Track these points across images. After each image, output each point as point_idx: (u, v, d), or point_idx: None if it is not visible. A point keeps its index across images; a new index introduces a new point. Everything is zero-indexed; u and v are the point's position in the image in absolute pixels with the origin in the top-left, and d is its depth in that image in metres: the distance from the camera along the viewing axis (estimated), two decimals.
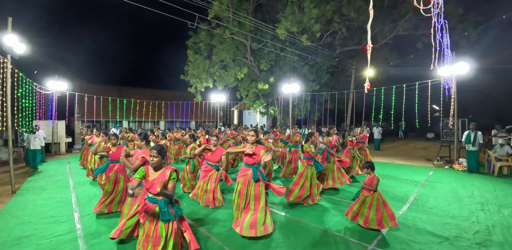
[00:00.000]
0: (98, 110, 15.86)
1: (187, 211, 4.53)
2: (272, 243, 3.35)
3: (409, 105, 10.19)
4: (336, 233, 3.66)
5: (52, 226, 3.90)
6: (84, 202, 5.00)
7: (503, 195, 5.47)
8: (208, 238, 3.52)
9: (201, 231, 3.72)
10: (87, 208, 4.65)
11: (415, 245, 3.32)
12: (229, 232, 3.67)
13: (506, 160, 7.42)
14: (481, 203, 4.95)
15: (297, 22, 12.93)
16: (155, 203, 2.57)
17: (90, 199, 5.17)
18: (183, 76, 16.91)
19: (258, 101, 16.52)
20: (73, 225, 3.93)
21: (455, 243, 3.36)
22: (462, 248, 3.24)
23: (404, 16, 13.18)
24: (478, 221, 4.08)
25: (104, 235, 3.54)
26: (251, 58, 16.14)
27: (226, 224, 3.97)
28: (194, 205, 4.86)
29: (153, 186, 2.54)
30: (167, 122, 21.97)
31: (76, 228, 3.80)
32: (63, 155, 11.96)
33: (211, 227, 3.86)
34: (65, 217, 4.23)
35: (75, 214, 4.37)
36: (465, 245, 3.31)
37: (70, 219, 4.17)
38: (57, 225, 3.92)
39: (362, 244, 3.35)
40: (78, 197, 5.35)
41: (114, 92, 20.71)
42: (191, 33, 16.75)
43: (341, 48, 15.79)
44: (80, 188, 6.05)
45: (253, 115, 22.34)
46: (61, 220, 4.11)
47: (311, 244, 3.31)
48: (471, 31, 12.84)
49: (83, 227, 3.83)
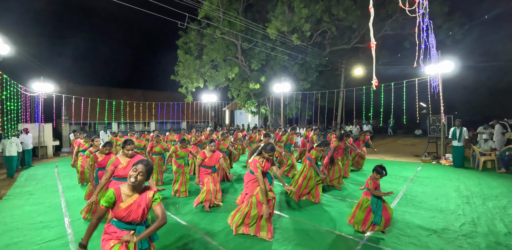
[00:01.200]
0: (86, 112, 15.55)
1: (186, 215, 4.51)
2: (265, 242, 3.38)
3: (397, 103, 10.42)
4: (328, 229, 3.73)
5: (42, 231, 3.81)
6: (74, 206, 4.91)
7: (487, 188, 5.68)
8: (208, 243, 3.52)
9: (200, 235, 3.72)
10: (78, 212, 4.57)
11: (405, 238, 3.42)
12: (228, 234, 3.69)
13: (489, 154, 7.69)
14: (466, 196, 5.13)
15: (287, 21, 13.02)
16: (130, 229, 2.05)
17: (81, 203, 5.07)
18: (173, 77, 16.76)
19: (250, 101, 16.54)
20: (63, 230, 3.84)
21: (442, 236, 3.48)
22: (449, 240, 3.36)
23: (391, 16, 13.47)
24: (464, 214, 4.23)
25: (96, 240, 3.46)
26: (242, 58, 16.14)
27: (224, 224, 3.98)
28: (190, 208, 4.84)
29: (130, 213, 1.99)
30: (158, 123, 21.73)
31: (67, 233, 3.72)
32: (51, 158, 11.67)
33: (211, 231, 3.86)
34: (55, 222, 4.14)
35: (65, 218, 4.28)
36: (452, 237, 3.44)
37: (60, 224, 4.07)
38: (46, 231, 3.83)
39: (355, 239, 3.43)
40: (68, 201, 5.24)
41: (103, 94, 20.33)
42: (181, 33, 16.62)
43: (331, 48, 15.99)
44: (69, 192, 5.93)
45: (245, 115, 22.36)
46: (51, 225, 4.02)
47: (304, 240, 3.36)
48: (456, 30, 13.23)
49: (74, 232, 3.76)
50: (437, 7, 12.42)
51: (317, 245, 3.28)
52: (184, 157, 5.60)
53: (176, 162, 5.52)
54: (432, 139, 10.03)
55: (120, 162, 3.29)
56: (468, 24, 13.24)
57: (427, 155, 9.48)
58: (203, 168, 4.64)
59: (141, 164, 2.06)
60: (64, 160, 10.75)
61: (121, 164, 3.27)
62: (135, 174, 2.01)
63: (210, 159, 4.61)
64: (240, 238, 3.48)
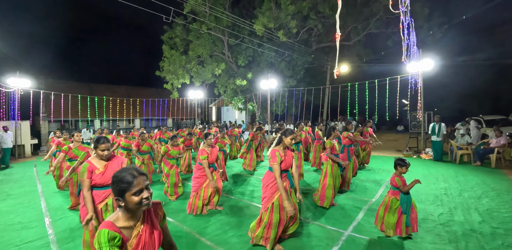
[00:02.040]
0: (67, 109, 14.94)
1: (187, 220, 4.46)
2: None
3: (381, 100, 10.73)
4: (314, 222, 3.82)
5: (21, 232, 3.67)
6: (55, 206, 4.74)
7: (463, 180, 5.99)
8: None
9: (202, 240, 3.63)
10: (59, 212, 4.42)
11: None
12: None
13: (466, 148, 8.10)
14: (444, 188, 5.40)
15: (274, 18, 13.01)
16: None
17: (62, 203, 4.91)
18: (158, 73, 16.40)
19: (237, 97, 16.48)
20: (44, 230, 3.72)
21: (422, 225, 3.65)
22: (428, 229, 3.53)
23: (375, 14, 13.74)
24: (442, 204, 4.45)
25: (78, 239, 3.39)
26: (229, 54, 16.02)
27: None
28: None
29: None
30: (143, 120, 21.25)
31: (48, 233, 3.60)
32: (29, 158, 11.17)
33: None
34: (35, 223, 3.99)
35: (45, 219, 4.14)
36: (431, 226, 3.62)
37: (41, 224, 3.93)
38: (26, 232, 3.69)
39: (339, 230, 3.53)
40: (48, 201, 5.05)
41: (84, 90, 19.60)
42: (166, 27, 16.24)
43: (317, 45, 16.15)
44: (50, 192, 5.71)
45: (232, 111, 22.25)
46: (30, 226, 3.87)
47: (292, 235, 3.43)
48: (436, 30, 13.71)
49: (55, 232, 3.64)
50: (418, 8, 12.81)
51: (300, 238, 3.35)
52: (177, 157, 5.23)
53: (168, 162, 5.09)
54: (413, 134, 10.42)
55: (96, 166, 2.64)
56: (447, 25, 13.77)
57: (408, 150, 9.86)
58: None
59: (142, 176, 1.35)
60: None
61: (98, 169, 2.63)
62: (148, 195, 1.32)
63: (211, 156, 4.11)
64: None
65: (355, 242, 3.22)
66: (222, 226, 3.77)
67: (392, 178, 3.27)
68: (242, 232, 3.52)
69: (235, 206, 4.56)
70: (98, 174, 2.60)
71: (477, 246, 3.08)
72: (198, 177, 4.12)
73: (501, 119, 11.00)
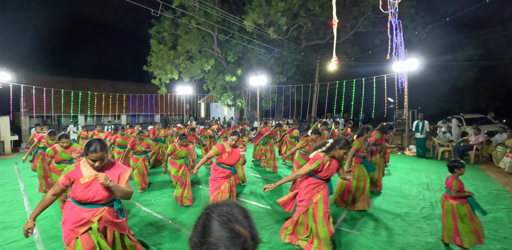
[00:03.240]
0: (49, 104, 14.38)
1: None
2: None
3: (368, 98, 11.00)
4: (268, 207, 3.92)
5: (3, 232, 3.55)
6: None
7: (444, 175, 6.19)
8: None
9: None
10: (43, 211, 4.29)
11: (372, 222, 3.71)
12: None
13: (447, 145, 8.46)
14: (426, 183, 5.64)
15: (264, 14, 12.98)
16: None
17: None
18: (146, 67, 16.03)
19: (226, 93, 16.40)
20: None
21: (405, 219, 3.82)
22: (411, 222, 3.70)
23: (363, 13, 13.96)
24: (424, 199, 4.66)
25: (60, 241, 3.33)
26: (218, 50, 15.86)
27: None
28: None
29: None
30: (129, 116, 20.78)
31: (33, 233, 3.51)
32: (9, 154, 10.72)
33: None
34: (18, 222, 3.87)
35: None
36: (414, 220, 3.79)
37: (24, 223, 3.82)
38: (9, 231, 3.58)
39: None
40: (31, 199, 4.89)
41: (67, 84, 18.89)
42: (153, 21, 15.85)
43: (306, 42, 16.26)
44: (32, 190, 5.51)
45: (221, 108, 22.12)
46: (14, 226, 3.75)
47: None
48: (420, 30, 14.10)
49: (41, 231, 3.55)
50: (404, 8, 13.13)
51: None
52: (185, 157, 4.67)
53: (175, 163, 4.58)
54: (398, 131, 10.77)
55: (81, 174, 2.03)
56: (431, 25, 14.19)
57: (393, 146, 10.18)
58: (220, 168, 3.63)
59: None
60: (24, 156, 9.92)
61: (82, 178, 2.01)
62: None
63: (230, 155, 3.58)
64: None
65: (346, 237, 3.33)
66: None
67: (450, 181, 2.90)
68: (272, 244, 3.14)
69: (255, 212, 4.14)
70: (81, 185, 1.99)
71: None
72: (214, 179, 3.67)
73: (480, 118, 11.52)
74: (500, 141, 7.66)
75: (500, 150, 7.19)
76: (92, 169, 2.04)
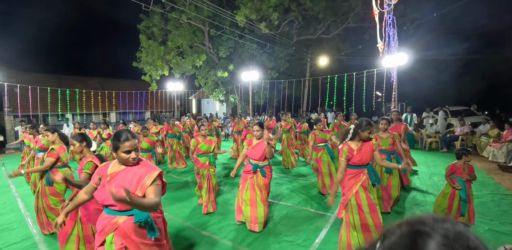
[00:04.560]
0: (35, 103, 13.94)
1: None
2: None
3: (358, 92, 11.28)
4: (303, 208, 4.10)
5: (2, 235, 3.49)
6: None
7: (432, 165, 6.61)
8: None
9: None
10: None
11: None
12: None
13: (434, 136, 8.85)
14: (416, 172, 5.94)
15: (256, 9, 12.93)
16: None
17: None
18: (135, 64, 15.72)
19: (218, 89, 16.35)
20: (27, 231, 3.56)
21: (400, 205, 4.07)
22: (406, 209, 3.95)
23: (354, 9, 14.13)
24: (415, 187, 4.93)
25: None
26: (210, 45, 15.73)
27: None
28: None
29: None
30: (119, 114, 20.42)
31: (33, 234, 3.46)
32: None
33: None
34: (16, 224, 3.81)
35: (27, 219, 3.94)
36: (408, 206, 4.05)
37: (23, 225, 3.76)
38: (7, 233, 3.52)
39: (327, 214, 3.83)
40: (25, 201, 4.78)
41: (53, 82, 18.32)
42: (142, 16, 15.49)
43: (298, 37, 16.35)
44: (25, 191, 5.38)
45: (212, 104, 22.03)
46: (12, 228, 3.69)
47: (282, 219, 3.66)
48: (409, 26, 14.45)
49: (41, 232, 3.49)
50: (394, 5, 13.37)
51: (293, 223, 3.60)
52: (209, 153, 4.05)
53: (198, 160, 4.03)
54: None
55: (107, 171, 1.79)
56: (418, 21, 14.55)
57: None
58: (246, 163, 3.45)
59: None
60: (11, 157, 9.63)
61: (105, 176, 1.78)
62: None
63: (254, 149, 3.34)
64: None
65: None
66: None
67: (453, 166, 3.28)
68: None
69: (288, 215, 3.87)
70: (101, 183, 1.77)
71: None
72: (244, 171, 3.44)
73: (464, 110, 12.03)
74: (483, 132, 8.10)
75: (483, 140, 7.61)
76: (118, 165, 1.79)
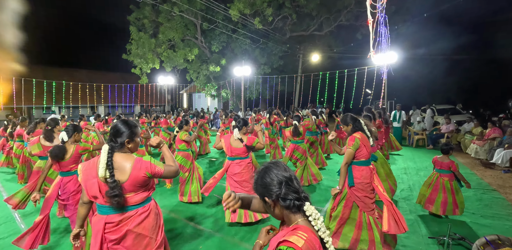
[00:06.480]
0: (19, 95, 13.44)
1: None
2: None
3: (348, 89, 11.44)
4: None
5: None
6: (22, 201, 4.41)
7: (419, 161, 6.84)
8: None
9: None
10: (28, 206, 4.10)
11: None
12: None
13: (421, 134, 9.13)
14: (404, 168, 6.14)
15: (249, 4, 12.80)
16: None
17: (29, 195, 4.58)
18: (125, 56, 15.37)
19: (210, 84, 16.22)
20: (15, 226, 3.51)
21: None
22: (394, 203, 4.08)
23: (347, 7, 14.19)
24: (403, 182, 5.11)
25: (57, 231, 3.30)
26: (202, 39, 15.51)
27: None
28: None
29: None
30: (108, 107, 19.99)
31: (21, 229, 3.41)
32: None
33: None
34: (3, 219, 3.73)
35: (14, 214, 3.85)
36: (394, 201, 4.18)
37: (10, 220, 3.69)
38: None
39: (318, 207, 3.92)
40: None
41: (37, 74, 17.67)
42: (132, 7, 15.08)
43: (291, 34, 16.33)
44: (10, 185, 5.25)
45: (204, 98, 21.87)
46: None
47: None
48: (400, 25, 14.66)
49: (29, 227, 3.45)
50: (386, 4, 13.52)
51: None
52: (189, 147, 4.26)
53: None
54: None
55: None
56: (409, 21, 14.80)
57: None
58: None
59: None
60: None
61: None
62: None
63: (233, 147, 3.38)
64: None
65: None
66: None
67: (447, 163, 3.44)
68: None
69: None
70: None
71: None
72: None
73: (450, 108, 12.41)
74: (467, 130, 8.41)
75: (467, 138, 7.91)
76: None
